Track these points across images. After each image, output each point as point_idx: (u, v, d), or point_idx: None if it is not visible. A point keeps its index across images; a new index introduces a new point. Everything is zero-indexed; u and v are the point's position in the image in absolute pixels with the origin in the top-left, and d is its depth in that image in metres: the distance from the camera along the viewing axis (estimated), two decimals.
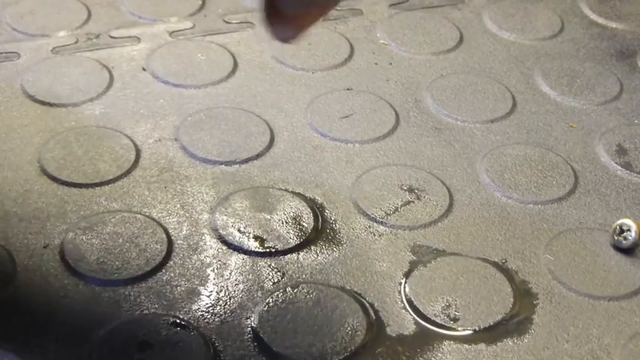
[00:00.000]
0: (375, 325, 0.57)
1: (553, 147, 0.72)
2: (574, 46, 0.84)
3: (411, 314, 0.58)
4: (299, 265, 0.61)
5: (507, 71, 0.80)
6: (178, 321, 0.56)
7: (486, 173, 0.69)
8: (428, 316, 0.58)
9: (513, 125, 0.74)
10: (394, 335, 0.57)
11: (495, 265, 0.62)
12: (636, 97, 0.78)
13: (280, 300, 0.58)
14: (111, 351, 0.55)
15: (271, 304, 0.58)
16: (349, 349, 0.56)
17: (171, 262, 0.60)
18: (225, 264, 0.60)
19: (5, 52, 0.77)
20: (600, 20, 0.87)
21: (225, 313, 0.57)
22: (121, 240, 0.61)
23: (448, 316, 0.58)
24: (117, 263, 0.59)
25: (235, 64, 0.77)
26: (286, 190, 0.66)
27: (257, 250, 0.61)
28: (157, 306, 0.57)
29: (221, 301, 0.58)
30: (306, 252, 0.61)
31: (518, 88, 0.78)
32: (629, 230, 0.63)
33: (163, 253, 0.60)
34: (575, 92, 0.78)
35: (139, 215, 0.63)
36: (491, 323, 0.58)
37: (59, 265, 0.59)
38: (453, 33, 0.83)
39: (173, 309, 0.57)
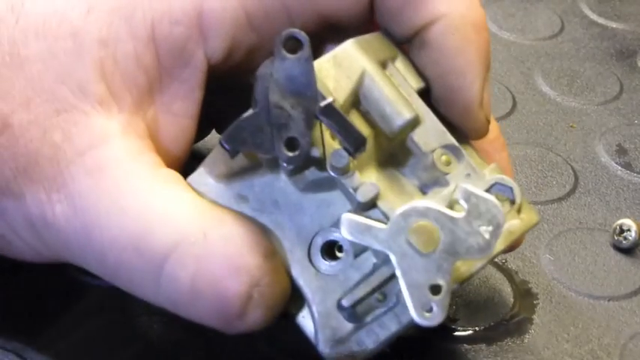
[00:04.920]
0: None
1: (553, 147, 0.72)
2: (574, 46, 0.84)
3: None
4: None
5: (507, 71, 0.80)
6: None
7: None
8: None
9: (513, 125, 0.74)
10: None
11: (495, 265, 0.62)
12: (636, 97, 0.78)
13: None
14: None
15: None
16: None
17: None
18: None
19: None
20: (600, 20, 0.87)
21: None
22: None
23: (448, 316, 0.58)
24: None
25: None
26: None
27: None
28: None
29: None
30: None
31: (518, 88, 0.78)
32: (629, 230, 0.63)
33: None
34: (575, 92, 0.78)
35: None
36: (492, 323, 0.58)
37: None
38: None
39: None
